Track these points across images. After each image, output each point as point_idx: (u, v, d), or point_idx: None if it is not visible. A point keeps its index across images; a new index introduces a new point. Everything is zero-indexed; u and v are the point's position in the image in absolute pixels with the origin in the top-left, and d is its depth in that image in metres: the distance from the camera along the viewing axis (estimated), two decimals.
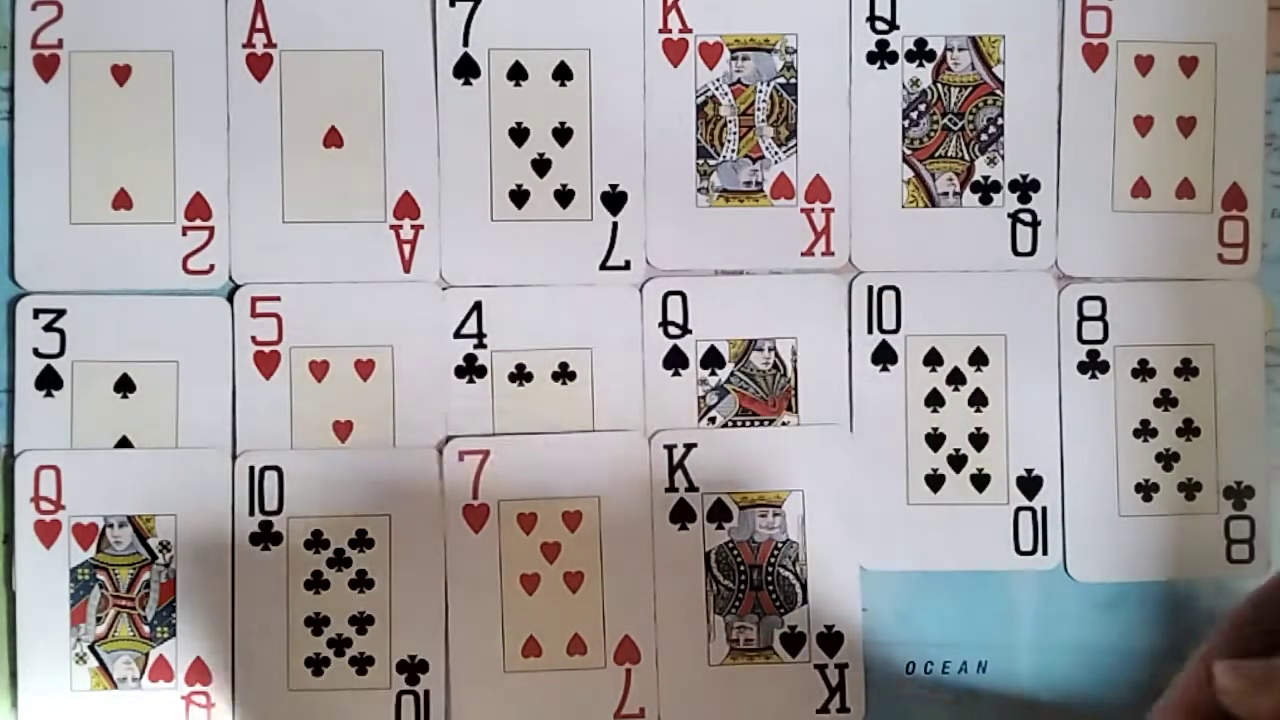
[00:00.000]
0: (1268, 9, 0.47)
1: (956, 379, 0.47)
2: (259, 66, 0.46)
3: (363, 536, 0.46)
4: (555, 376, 0.47)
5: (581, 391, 0.46)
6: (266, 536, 0.46)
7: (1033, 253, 0.47)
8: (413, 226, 0.46)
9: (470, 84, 0.46)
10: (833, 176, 0.47)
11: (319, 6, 0.46)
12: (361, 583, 0.46)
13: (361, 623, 0.46)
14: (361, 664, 0.46)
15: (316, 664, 0.46)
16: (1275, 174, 0.48)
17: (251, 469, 0.46)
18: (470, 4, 0.46)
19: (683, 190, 0.47)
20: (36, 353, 0.45)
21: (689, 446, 0.46)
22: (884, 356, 0.47)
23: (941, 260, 0.47)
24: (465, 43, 0.46)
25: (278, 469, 0.46)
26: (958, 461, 0.47)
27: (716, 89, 0.47)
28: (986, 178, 0.47)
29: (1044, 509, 0.47)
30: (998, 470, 0.47)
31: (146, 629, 0.45)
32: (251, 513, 0.45)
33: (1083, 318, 0.47)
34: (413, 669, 0.46)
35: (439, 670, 0.46)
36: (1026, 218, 0.47)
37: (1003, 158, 0.47)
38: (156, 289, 0.46)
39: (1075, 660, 0.47)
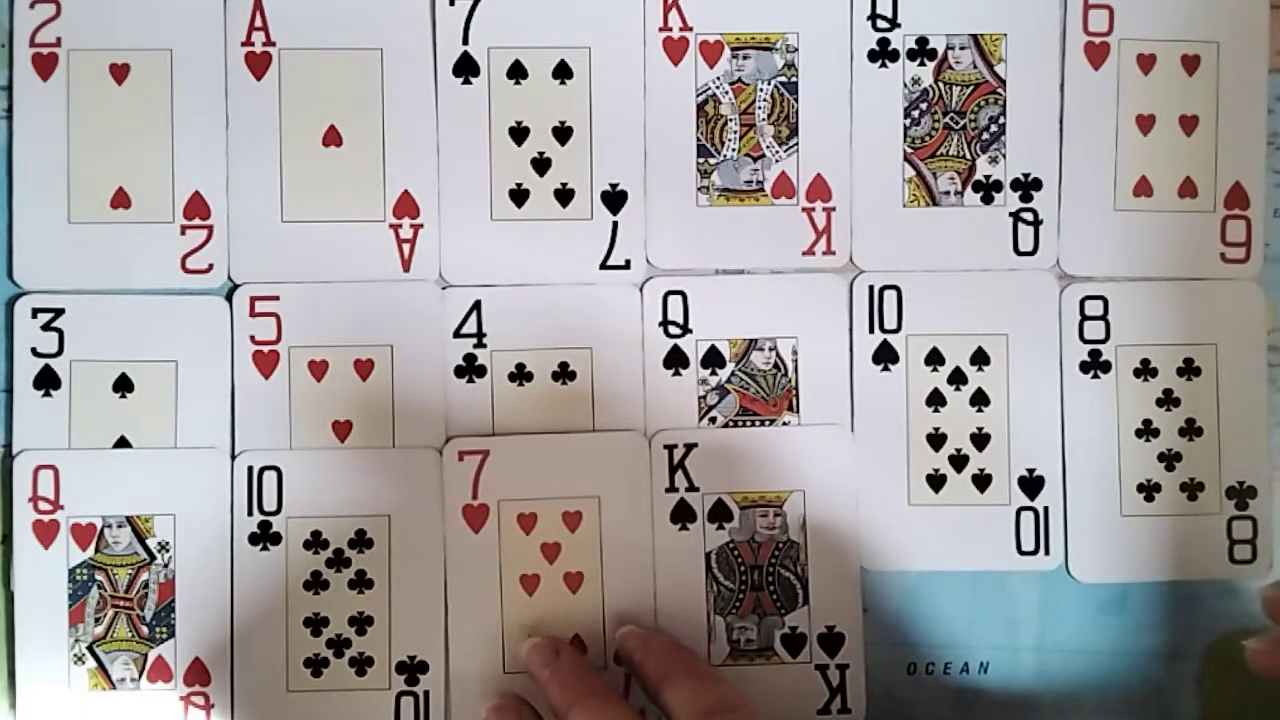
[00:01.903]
0: (1270, 8, 0.47)
1: (958, 379, 0.47)
2: (258, 65, 0.46)
3: (362, 537, 0.46)
4: (555, 376, 0.46)
5: (581, 391, 0.46)
6: (265, 537, 0.45)
7: (1034, 252, 0.47)
8: (412, 225, 0.46)
9: (470, 83, 0.46)
10: (834, 175, 0.47)
11: (318, 5, 0.46)
12: (361, 583, 0.46)
13: (361, 623, 0.46)
14: (361, 665, 0.45)
15: (316, 665, 0.45)
16: (1278, 173, 0.48)
17: (250, 469, 0.45)
18: (470, 2, 0.46)
19: (683, 189, 0.47)
20: (35, 352, 0.45)
21: (689, 446, 0.46)
22: (885, 356, 0.47)
23: (943, 259, 0.47)
24: (465, 41, 0.46)
25: (277, 469, 0.45)
26: (959, 461, 0.47)
27: (717, 87, 0.47)
28: (988, 177, 0.47)
29: (1046, 509, 0.47)
30: (999, 470, 0.47)
31: (145, 629, 0.45)
32: (250, 513, 0.45)
33: (1085, 317, 0.47)
34: (412, 670, 0.46)
35: (439, 671, 0.45)
36: (1028, 217, 0.47)
37: (1004, 157, 0.47)
38: (155, 288, 0.46)
39: (1077, 661, 0.47)
